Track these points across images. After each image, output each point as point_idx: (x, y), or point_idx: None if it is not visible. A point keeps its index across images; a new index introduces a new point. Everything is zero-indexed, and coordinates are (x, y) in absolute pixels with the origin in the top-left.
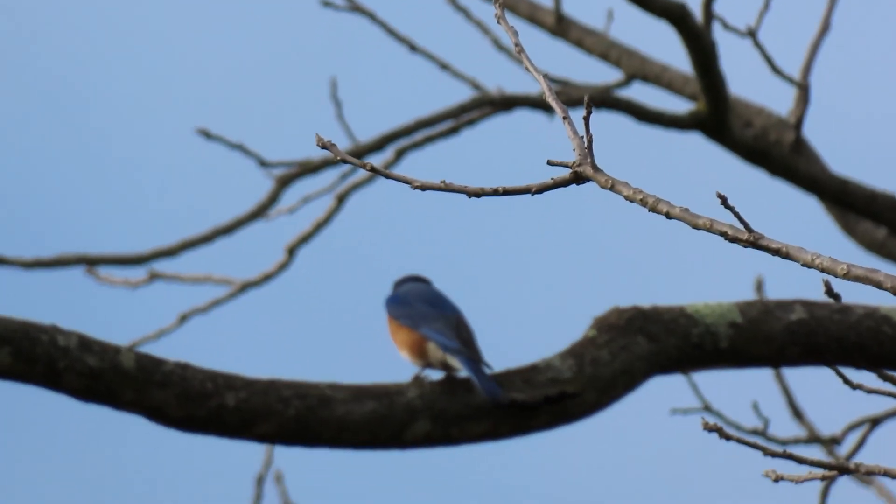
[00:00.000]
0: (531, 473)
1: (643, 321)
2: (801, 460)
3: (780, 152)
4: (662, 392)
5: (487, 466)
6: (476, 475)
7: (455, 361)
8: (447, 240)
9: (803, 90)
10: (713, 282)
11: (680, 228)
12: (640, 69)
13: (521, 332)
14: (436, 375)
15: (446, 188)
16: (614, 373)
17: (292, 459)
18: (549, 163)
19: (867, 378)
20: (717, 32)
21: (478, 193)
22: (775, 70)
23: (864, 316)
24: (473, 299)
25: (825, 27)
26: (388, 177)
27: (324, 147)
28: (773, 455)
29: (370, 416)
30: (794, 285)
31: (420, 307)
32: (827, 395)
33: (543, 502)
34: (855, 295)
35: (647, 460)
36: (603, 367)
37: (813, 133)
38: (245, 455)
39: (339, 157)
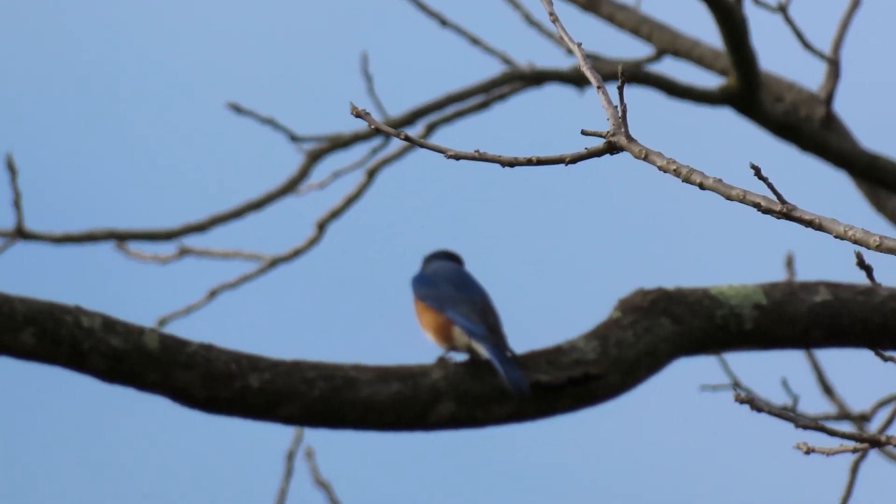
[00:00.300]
0: (559, 455)
1: (667, 302)
2: (832, 433)
3: (811, 127)
4: (691, 369)
5: (514, 448)
6: (503, 456)
7: (480, 348)
8: (476, 216)
9: (834, 65)
10: (744, 256)
11: (713, 200)
12: (671, 44)
13: (545, 313)
14: (460, 357)
15: (480, 157)
16: (638, 354)
17: (323, 436)
18: (584, 132)
19: None
20: (748, 7)
21: (511, 163)
22: (806, 45)
23: (888, 297)
24: (500, 279)
25: (856, 2)
26: (422, 146)
27: (358, 116)
28: (805, 427)
29: (395, 398)
30: (825, 259)
31: (446, 289)
32: (856, 371)
33: (573, 483)
34: (887, 269)
35: (677, 439)
36: (627, 349)
37: (843, 108)
38: (275, 431)
39: (373, 126)
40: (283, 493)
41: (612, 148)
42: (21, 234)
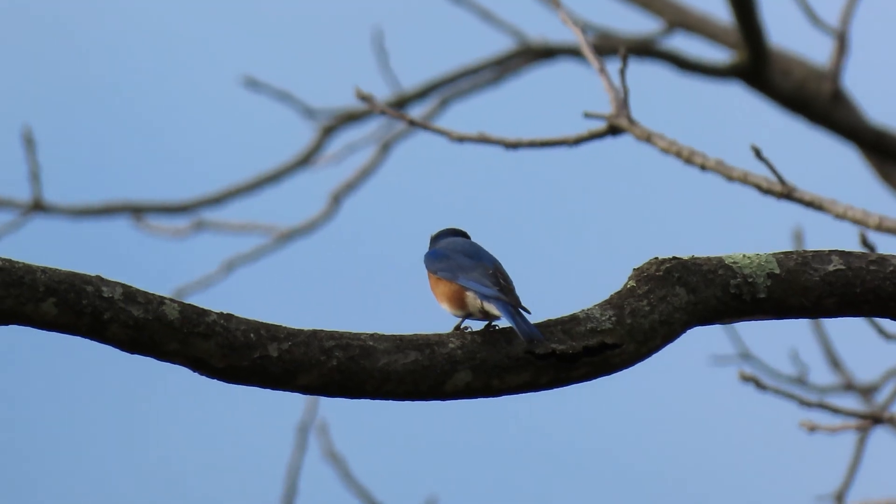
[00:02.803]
0: (573, 423)
1: (682, 272)
2: (834, 410)
3: (819, 102)
4: (702, 340)
5: (525, 417)
6: (517, 425)
7: (493, 308)
8: (492, 185)
9: (842, 41)
10: (747, 236)
11: (715, 182)
12: (682, 19)
13: (561, 283)
14: (477, 326)
15: (484, 140)
16: (653, 324)
17: (336, 409)
18: (586, 114)
19: None
20: None
21: (515, 145)
22: (815, 20)
23: None
24: (517, 246)
25: None
26: (427, 128)
27: (362, 99)
28: (808, 405)
29: (412, 367)
30: (828, 237)
31: (458, 259)
32: (865, 341)
33: (584, 452)
34: (889, 247)
35: (688, 408)
36: (642, 318)
37: (852, 84)
38: (289, 404)
39: (378, 110)
40: (297, 466)
41: (613, 130)
42: (39, 207)
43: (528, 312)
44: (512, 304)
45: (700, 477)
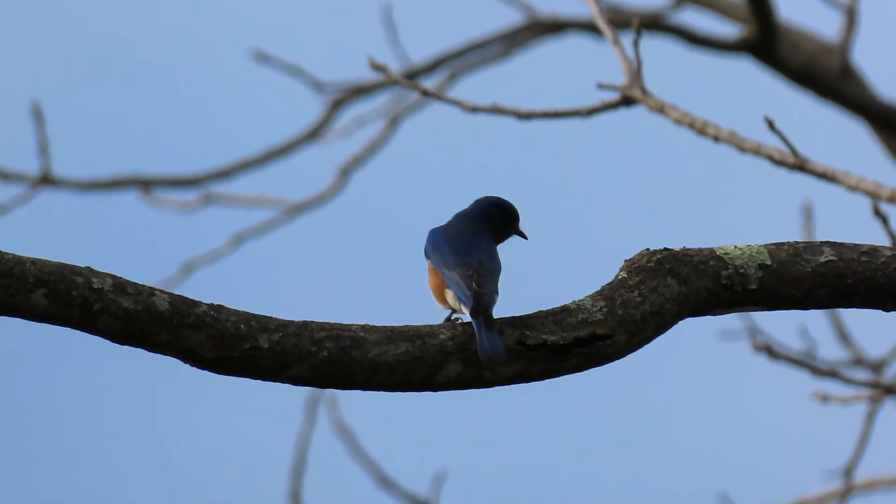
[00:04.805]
0: (574, 403)
1: (673, 263)
2: (848, 380)
3: (828, 76)
4: (709, 318)
5: (540, 399)
6: (532, 405)
7: (466, 313)
8: (501, 160)
9: (851, 15)
10: (758, 209)
11: (727, 153)
12: None
13: (553, 272)
14: (468, 318)
15: (497, 110)
16: (644, 315)
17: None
18: (599, 85)
19: None
20: None
21: (528, 116)
22: None
23: (891, 257)
24: (524, 224)
25: None
26: (440, 98)
27: (376, 68)
28: (821, 374)
29: (403, 358)
30: (839, 210)
31: (445, 251)
32: (873, 318)
33: (611, 430)
34: None
35: (696, 386)
36: (633, 309)
37: (861, 59)
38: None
39: (392, 79)
40: (306, 439)
41: (627, 101)
42: (47, 180)
43: (490, 329)
44: (481, 313)
45: (709, 454)
